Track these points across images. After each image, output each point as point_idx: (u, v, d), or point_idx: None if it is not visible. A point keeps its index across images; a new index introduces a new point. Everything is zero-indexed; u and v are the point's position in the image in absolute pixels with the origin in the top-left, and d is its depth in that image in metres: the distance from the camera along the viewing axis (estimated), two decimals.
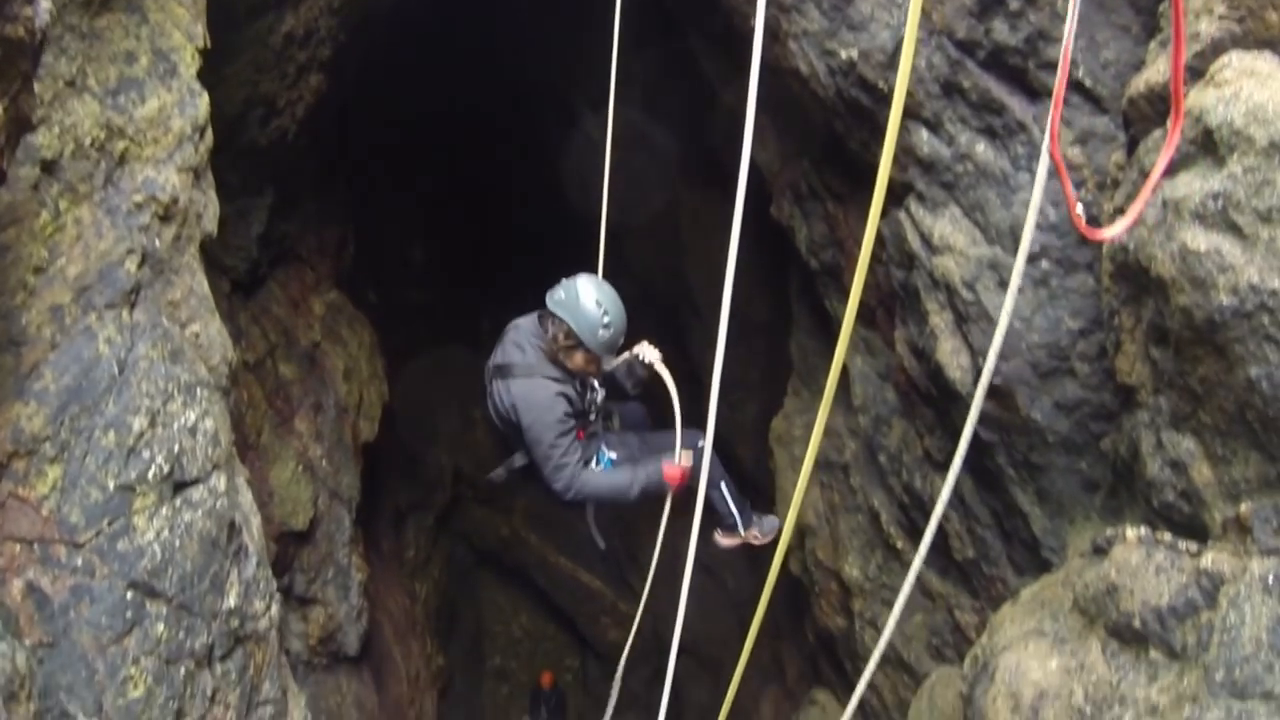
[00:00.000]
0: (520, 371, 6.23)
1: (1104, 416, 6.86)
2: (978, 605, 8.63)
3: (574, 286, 6.17)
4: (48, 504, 4.51)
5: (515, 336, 6.44)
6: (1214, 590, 4.80)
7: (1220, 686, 4.45)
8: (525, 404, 6.17)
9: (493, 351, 6.61)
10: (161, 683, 4.63)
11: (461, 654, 22.81)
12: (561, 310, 6.12)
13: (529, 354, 6.28)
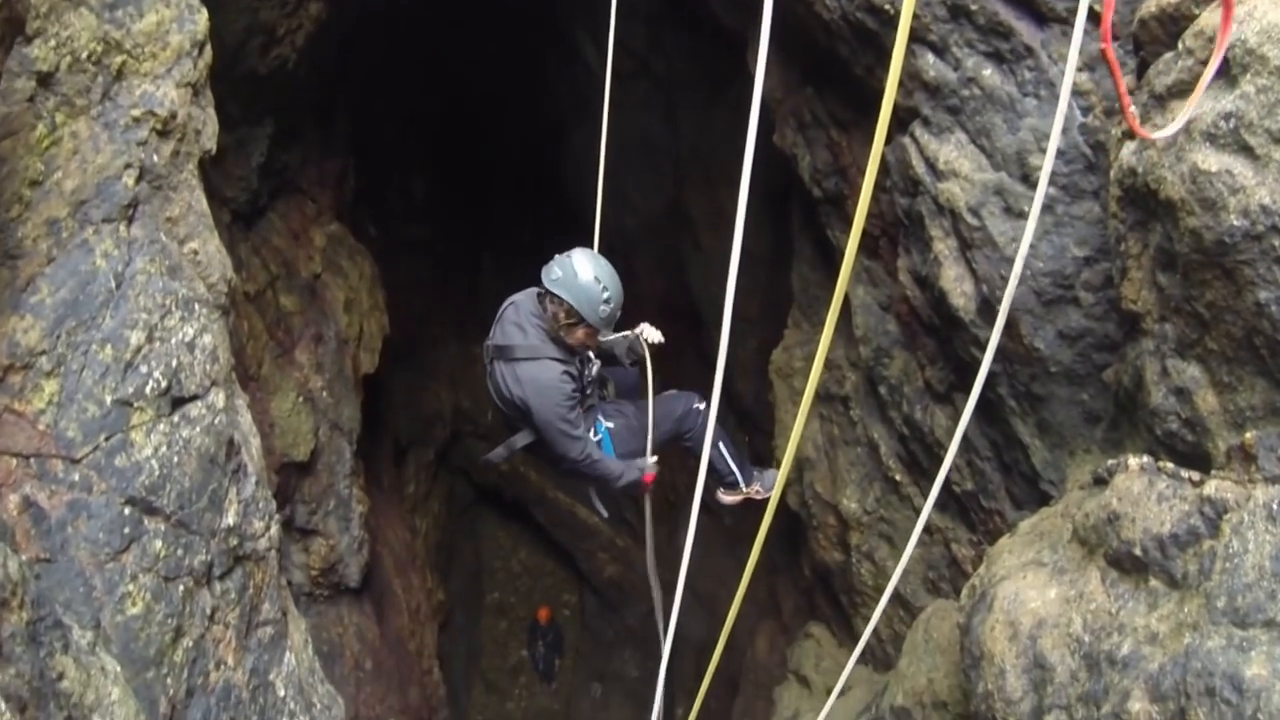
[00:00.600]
0: (524, 353, 6.26)
1: (1107, 347, 6.82)
2: (975, 539, 8.64)
3: (570, 264, 6.15)
4: (44, 418, 4.49)
5: (514, 316, 6.44)
6: (1217, 518, 4.77)
7: (1221, 614, 4.43)
8: (533, 386, 6.23)
9: (491, 330, 6.62)
10: (160, 600, 4.62)
11: (461, 589, 22.97)
12: (560, 289, 6.11)
13: (530, 335, 6.30)
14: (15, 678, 2.72)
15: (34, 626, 2.95)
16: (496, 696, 23.36)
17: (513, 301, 6.59)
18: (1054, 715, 5.35)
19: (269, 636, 5.44)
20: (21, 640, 2.79)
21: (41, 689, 2.87)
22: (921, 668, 8.42)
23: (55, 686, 3.00)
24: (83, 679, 3.24)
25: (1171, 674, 4.45)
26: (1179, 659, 4.45)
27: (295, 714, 5.54)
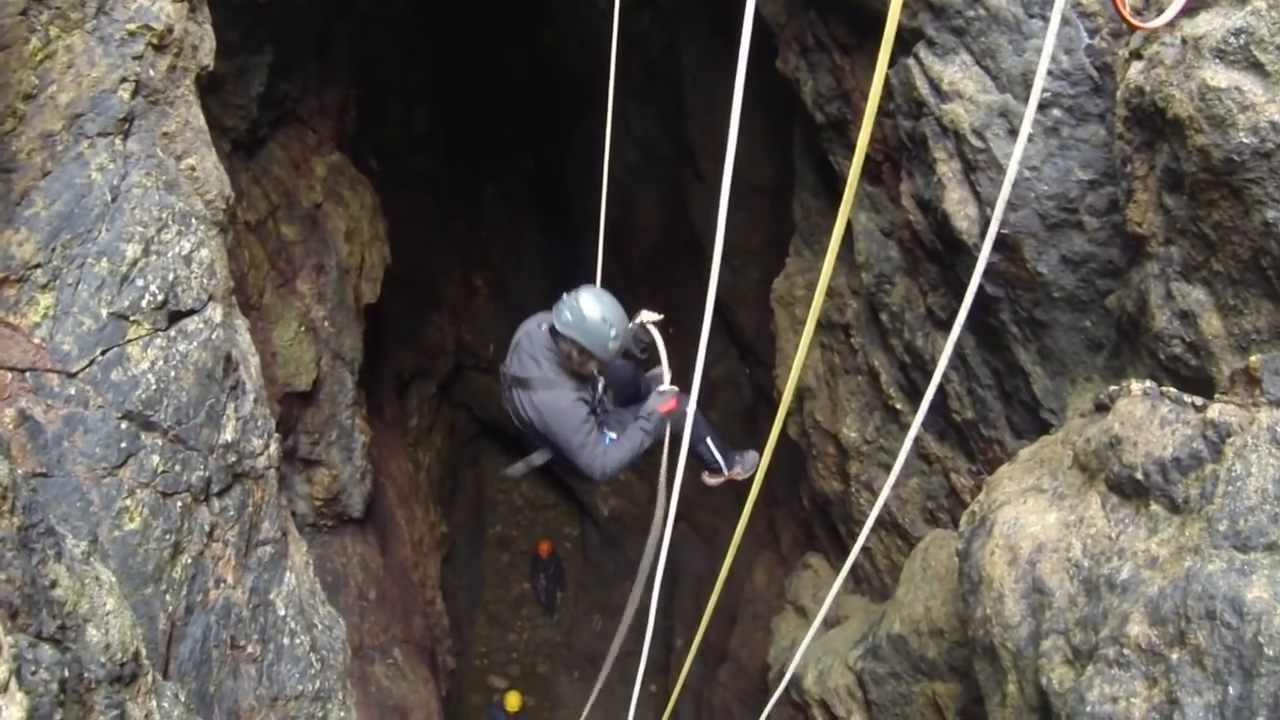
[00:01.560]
0: (539, 385, 6.74)
1: (1111, 273, 6.77)
2: (974, 469, 8.64)
3: (578, 308, 6.53)
4: (39, 332, 4.46)
5: (529, 348, 6.87)
6: (1220, 442, 4.74)
7: (1223, 538, 4.41)
8: (551, 414, 6.70)
9: (507, 356, 7.10)
10: (158, 516, 4.61)
11: (463, 522, 23.10)
12: (572, 332, 6.49)
13: (545, 367, 6.76)
14: (5, 583, 2.70)
15: (26, 533, 2.92)
16: (499, 628, 23.56)
17: (526, 333, 7.03)
18: (1051, 640, 5.35)
19: (269, 556, 5.44)
20: (13, 545, 2.77)
21: (34, 596, 2.85)
22: (919, 596, 8.46)
23: (48, 594, 2.98)
24: (76, 588, 3.22)
25: (1171, 597, 4.43)
26: (1179, 582, 4.43)
27: (296, 633, 5.56)
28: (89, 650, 3.24)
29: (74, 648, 3.12)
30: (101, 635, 3.32)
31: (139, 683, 3.54)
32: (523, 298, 23.57)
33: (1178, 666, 4.31)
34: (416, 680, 14.20)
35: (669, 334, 18.73)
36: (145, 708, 3.53)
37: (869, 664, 9.15)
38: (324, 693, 5.72)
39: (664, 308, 14.41)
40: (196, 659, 4.81)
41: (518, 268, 23.66)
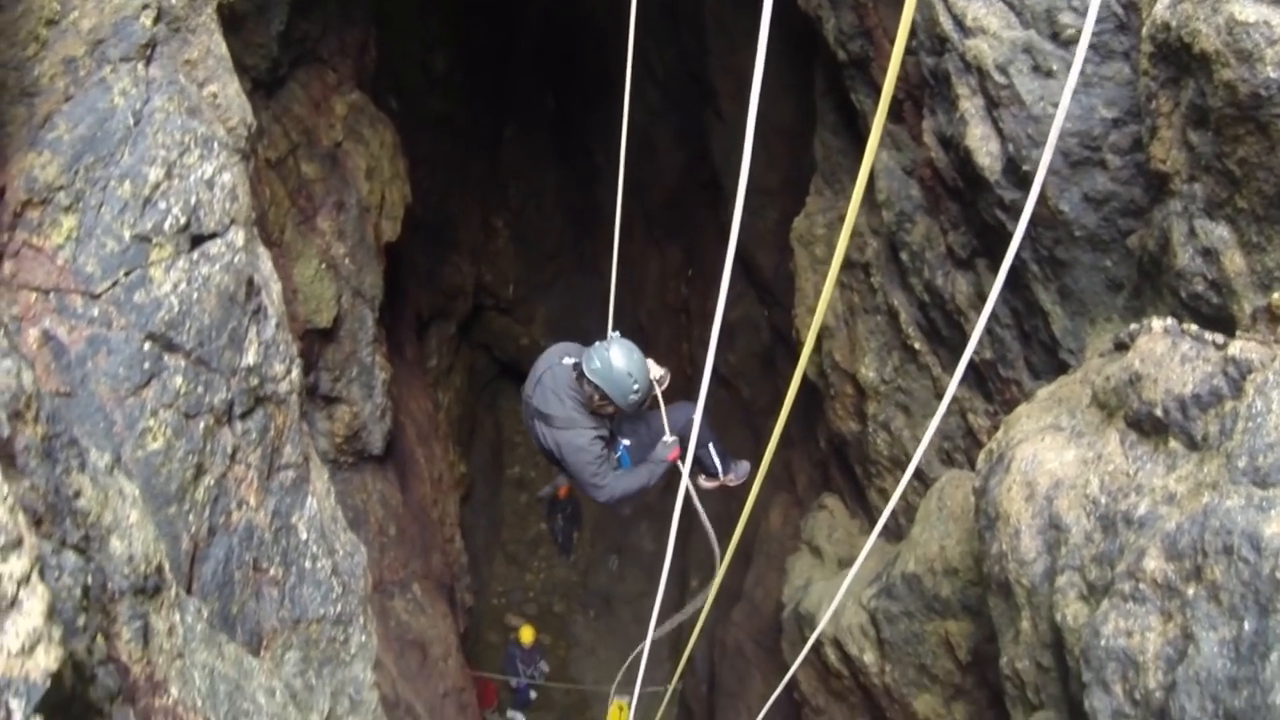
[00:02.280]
0: (561, 424, 7.29)
1: (1133, 213, 6.73)
2: (991, 410, 8.63)
3: (608, 358, 7.02)
4: (63, 253, 4.48)
5: (552, 384, 7.37)
6: (1240, 379, 4.73)
7: (1242, 474, 4.40)
8: (569, 449, 7.29)
9: (530, 384, 7.57)
10: (181, 437, 4.65)
11: (482, 462, 23.21)
12: (598, 379, 7.00)
13: (567, 406, 7.29)
14: (30, 490, 2.73)
15: (49, 442, 2.95)
16: (516, 568, 23.73)
17: (549, 366, 7.51)
18: (1067, 576, 5.37)
19: (290, 480, 5.49)
20: (36, 454, 2.79)
21: (57, 505, 2.88)
22: (934, 535, 8.48)
23: (72, 504, 3.01)
24: (100, 499, 3.25)
25: (1189, 532, 4.43)
26: (1197, 518, 4.43)
27: (318, 557, 5.62)
28: (112, 561, 3.29)
29: (97, 558, 3.16)
30: (125, 547, 3.36)
31: (162, 596, 3.58)
32: (542, 239, 23.62)
33: (1193, 601, 4.32)
34: (435, 615, 14.33)
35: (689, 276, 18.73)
36: (169, 621, 3.58)
37: (882, 603, 9.20)
38: (345, 617, 5.78)
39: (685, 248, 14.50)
40: (219, 580, 4.87)
41: (537, 209, 23.63)
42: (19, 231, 4.40)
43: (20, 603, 2.06)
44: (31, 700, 2.04)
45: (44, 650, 2.07)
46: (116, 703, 2.71)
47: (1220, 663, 4.15)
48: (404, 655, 12.97)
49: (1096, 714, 4.78)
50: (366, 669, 6.10)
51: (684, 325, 20.51)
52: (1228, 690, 4.09)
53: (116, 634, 3.18)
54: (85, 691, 2.54)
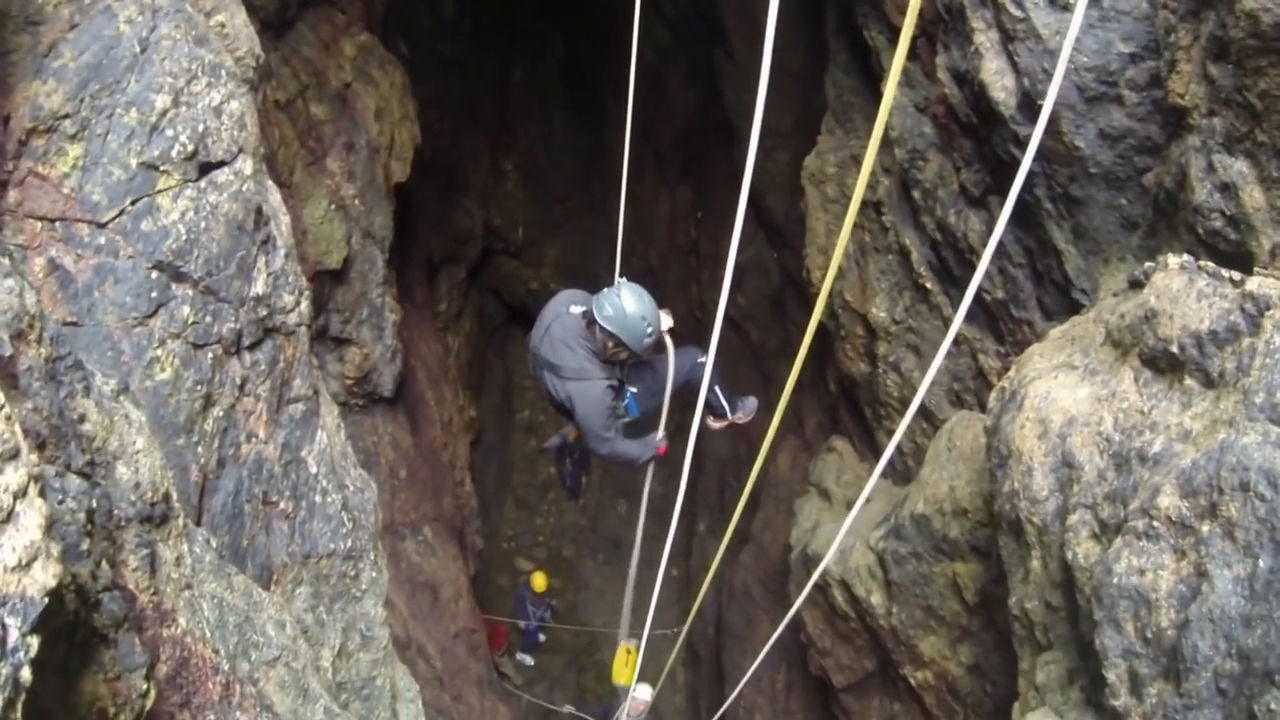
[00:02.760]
0: (571, 374, 7.18)
1: (1149, 150, 6.66)
2: (1002, 351, 8.59)
3: (620, 304, 6.92)
4: (69, 182, 4.44)
5: (561, 334, 7.24)
6: (1258, 315, 4.68)
7: (1259, 410, 4.36)
8: (580, 399, 7.19)
9: (537, 331, 7.46)
10: (189, 367, 4.63)
11: (492, 407, 23.26)
12: (612, 325, 6.90)
13: (579, 355, 7.18)
14: (33, 412, 2.69)
15: (53, 365, 2.91)
16: (526, 512, 23.83)
17: (557, 315, 7.37)
18: (1079, 514, 5.35)
19: (300, 413, 5.47)
20: (40, 376, 2.76)
21: (61, 428, 2.85)
22: (943, 476, 8.46)
23: (76, 428, 2.98)
24: (105, 424, 3.22)
25: (1204, 469, 4.40)
26: (1213, 454, 4.39)
27: (328, 492, 5.61)
28: (119, 488, 3.26)
29: (103, 484, 3.14)
30: (131, 474, 3.34)
31: (170, 525, 3.56)
32: (551, 181, 23.52)
33: (1208, 539, 4.30)
34: (446, 557, 14.41)
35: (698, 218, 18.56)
36: (176, 550, 3.56)
37: (890, 544, 9.20)
38: (356, 552, 5.78)
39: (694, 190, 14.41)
40: (229, 512, 4.86)
41: (546, 151, 23.52)
42: (24, 160, 4.36)
43: (17, 516, 2.01)
44: (28, 618, 1.99)
45: (41, 566, 2.02)
46: (122, 630, 2.68)
47: (1234, 600, 4.13)
48: (415, 596, 13.06)
49: (1107, 652, 4.76)
50: (377, 605, 6.10)
51: (694, 267, 20.46)
52: (1241, 628, 4.08)
53: (123, 562, 3.16)
54: (89, 617, 2.52)
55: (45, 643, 2.14)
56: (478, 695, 13.94)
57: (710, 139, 18.58)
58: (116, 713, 2.57)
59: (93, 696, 2.48)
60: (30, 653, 1.97)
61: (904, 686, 9.96)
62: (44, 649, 2.17)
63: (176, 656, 3.32)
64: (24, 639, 1.97)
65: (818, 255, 11.59)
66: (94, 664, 2.51)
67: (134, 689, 2.64)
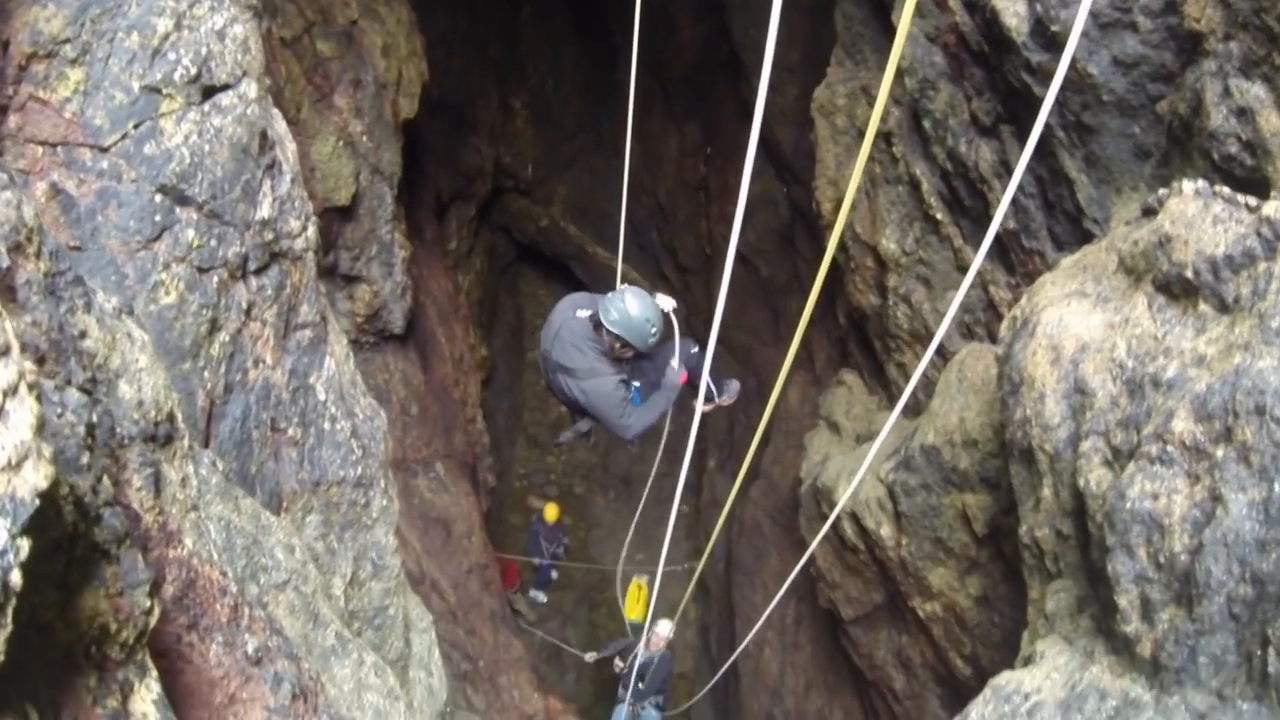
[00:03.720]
0: (584, 374, 7.59)
1: (1163, 78, 6.58)
2: (1013, 282, 8.55)
3: (624, 308, 7.33)
4: (70, 106, 4.39)
5: (571, 339, 7.63)
6: (1275, 240, 4.64)
7: (1275, 334, 4.33)
8: (596, 395, 7.60)
9: (546, 335, 7.86)
10: (194, 291, 4.60)
11: (503, 346, 23.28)
12: (618, 328, 7.31)
13: (589, 356, 7.58)
14: (32, 326, 2.65)
15: (53, 279, 2.87)
16: (538, 450, 23.90)
17: (565, 321, 7.74)
18: (1091, 441, 5.33)
19: (308, 340, 5.44)
20: (39, 290, 2.72)
21: (61, 343, 2.81)
22: (953, 407, 8.45)
23: (77, 344, 2.94)
24: (107, 340, 3.19)
25: (1219, 393, 4.38)
26: (1228, 379, 4.37)
27: (336, 419, 5.59)
28: (121, 406, 3.24)
29: (105, 401, 3.11)
30: (134, 392, 3.31)
31: (174, 446, 3.55)
32: (560, 119, 23.39)
33: (1222, 463, 4.28)
34: (458, 493, 14.46)
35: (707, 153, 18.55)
36: (182, 471, 3.55)
37: (900, 476, 9.20)
38: (365, 480, 5.78)
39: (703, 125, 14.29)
40: (237, 438, 4.85)
41: (555, 89, 23.37)
42: (24, 85, 4.30)
43: (7, 415, 1.97)
44: (18, 520, 1.94)
45: (32, 467, 1.97)
46: (125, 546, 2.66)
47: (1249, 525, 4.12)
48: (428, 532, 13.12)
49: (1119, 578, 4.76)
50: (388, 534, 6.11)
51: (703, 203, 20.39)
52: (1255, 553, 4.07)
53: (127, 481, 3.15)
54: (90, 531, 2.50)
55: (42, 554, 2.12)
56: (491, 629, 14.03)
57: (718, 74, 18.45)
58: (119, 629, 2.55)
59: (94, 612, 2.47)
60: (20, 555, 1.93)
61: (912, 618, 10.01)
62: (41, 561, 2.15)
63: (183, 578, 3.32)
64: (14, 541, 1.92)
65: (827, 187, 11.52)
66: (95, 579, 2.49)
67: (137, 605, 2.62)
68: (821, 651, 14.12)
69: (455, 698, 9.74)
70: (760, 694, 16.02)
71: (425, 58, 14.44)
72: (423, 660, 6.77)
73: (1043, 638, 5.86)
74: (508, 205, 23.25)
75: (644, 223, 22.25)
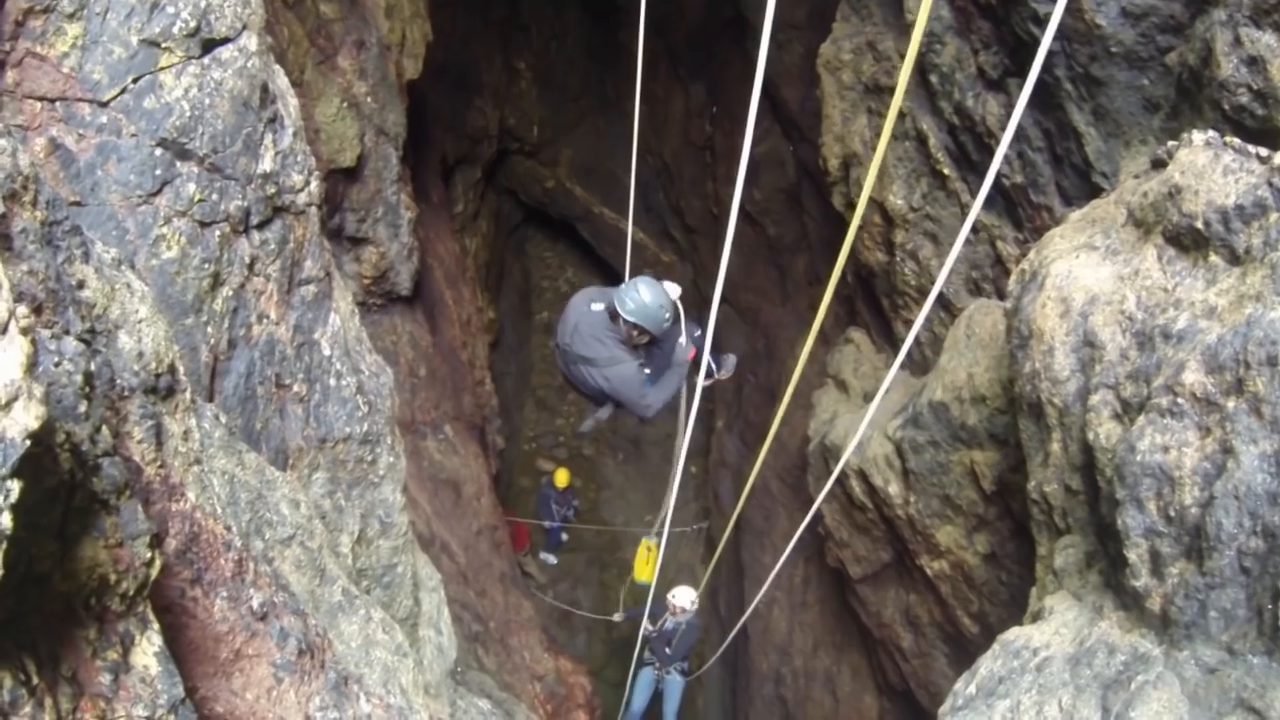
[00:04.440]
0: (606, 363, 8.07)
1: (1172, 29, 6.51)
2: (1021, 238, 8.52)
3: (639, 298, 7.81)
4: (68, 62, 4.34)
5: (590, 331, 8.12)
6: None
7: None
8: (620, 381, 8.08)
9: (563, 331, 8.36)
10: (196, 245, 4.57)
11: (511, 309, 23.28)
12: (634, 317, 7.80)
13: (610, 346, 8.08)
14: (28, 275, 2.62)
15: (50, 229, 2.83)
16: (547, 413, 23.94)
17: (580, 314, 8.24)
18: (1100, 394, 5.31)
19: (312, 295, 5.41)
20: (35, 239, 2.68)
21: (59, 293, 2.78)
22: (962, 363, 8.43)
23: (75, 294, 2.91)
24: (106, 291, 3.16)
25: (1231, 344, 4.35)
26: (1239, 329, 4.34)
27: (342, 375, 5.58)
28: (121, 357, 3.22)
29: (104, 351, 3.09)
30: (134, 343, 3.29)
31: (176, 398, 3.53)
32: (565, 80, 23.27)
33: (1234, 415, 4.26)
34: (467, 455, 14.47)
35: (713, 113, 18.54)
36: (184, 424, 3.53)
37: (908, 433, 9.19)
38: (372, 437, 5.77)
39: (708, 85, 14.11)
40: (241, 394, 4.84)
41: (559, 50, 23.24)
42: (22, 41, 4.25)
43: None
44: (8, 461, 1.90)
45: (23, 407, 1.94)
46: (125, 496, 2.64)
47: (1260, 477, 4.11)
48: (437, 494, 13.13)
49: (1129, 532, 4.75)
50: (396, 491, 6.11)
51: (709, 163, 20.30)
52: (1267, 505, 4.06)
53: (127, 433, 3.13)
54: (88, 480, 2.47)
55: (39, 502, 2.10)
56: (501, 591, 14.07)
57: (723, 34, 18.31)
58: (119, 580, 2.54)
59: (92, 562, 2.45)
60: (10, 498, 1.91)
61: (920, 577, 10.02)
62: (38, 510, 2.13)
63: (186, 531, 3.30)
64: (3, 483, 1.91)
65: (834, 143, 11.45)
66: (94, 530, 2.47)
67: (137, 556, 2.61)
68: (829, 611, 14.17)
69: (466, 658, 9.79)
70: (769, 653, 16.09)
71: (429, 20, 14.36)
72: (432, 619, 6.79)
73: (1051, 594, 5.86)
74: (513, 167, 23.19)
75: (650, 183, 22.19)
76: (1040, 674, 5.01)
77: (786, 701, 15.33)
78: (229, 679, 3.33)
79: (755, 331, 18.17)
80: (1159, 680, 4.28)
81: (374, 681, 4.41)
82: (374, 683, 4.40)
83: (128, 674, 2.55)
